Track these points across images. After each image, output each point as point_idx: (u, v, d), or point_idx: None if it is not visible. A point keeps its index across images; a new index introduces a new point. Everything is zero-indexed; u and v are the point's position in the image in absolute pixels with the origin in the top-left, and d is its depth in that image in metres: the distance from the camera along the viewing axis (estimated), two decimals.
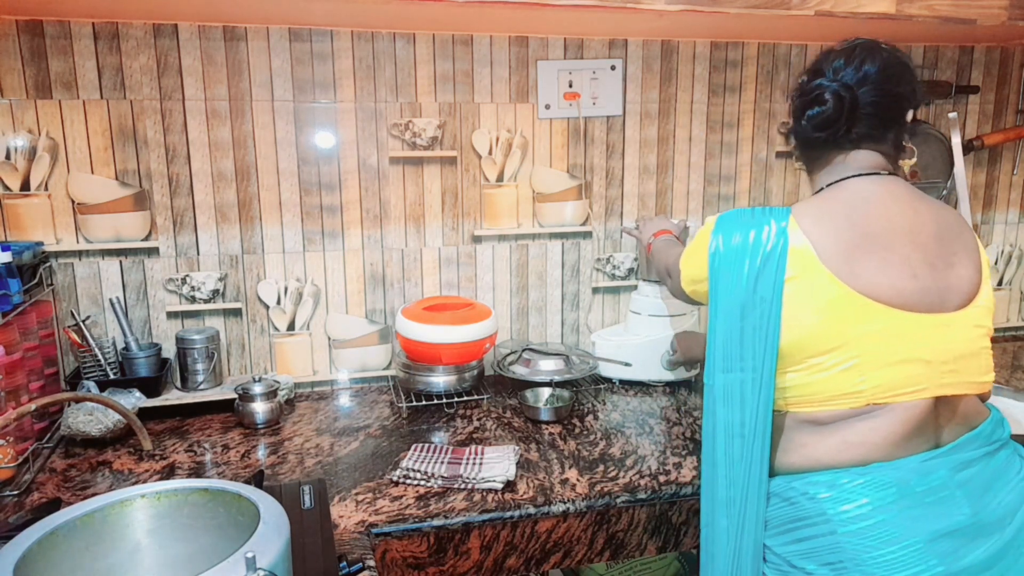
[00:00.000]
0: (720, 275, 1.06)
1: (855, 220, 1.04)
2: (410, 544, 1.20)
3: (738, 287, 1.04)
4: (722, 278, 1.06)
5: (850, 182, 1.09)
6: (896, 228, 1.04)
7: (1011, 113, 2.16)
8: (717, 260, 1.07)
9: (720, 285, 1.06)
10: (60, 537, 0.87)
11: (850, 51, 1.08)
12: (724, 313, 1.06)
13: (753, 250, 1.03)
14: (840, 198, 1.08)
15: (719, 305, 1.06)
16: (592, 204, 1.93)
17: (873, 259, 1.02)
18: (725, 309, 1.05)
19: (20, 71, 1.54)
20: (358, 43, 1.70)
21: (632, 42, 1.86)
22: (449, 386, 1.70)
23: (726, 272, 1.05)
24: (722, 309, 1.06)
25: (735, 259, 1.04)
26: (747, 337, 1.04)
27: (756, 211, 1.08)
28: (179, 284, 1.70)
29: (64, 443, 1.50)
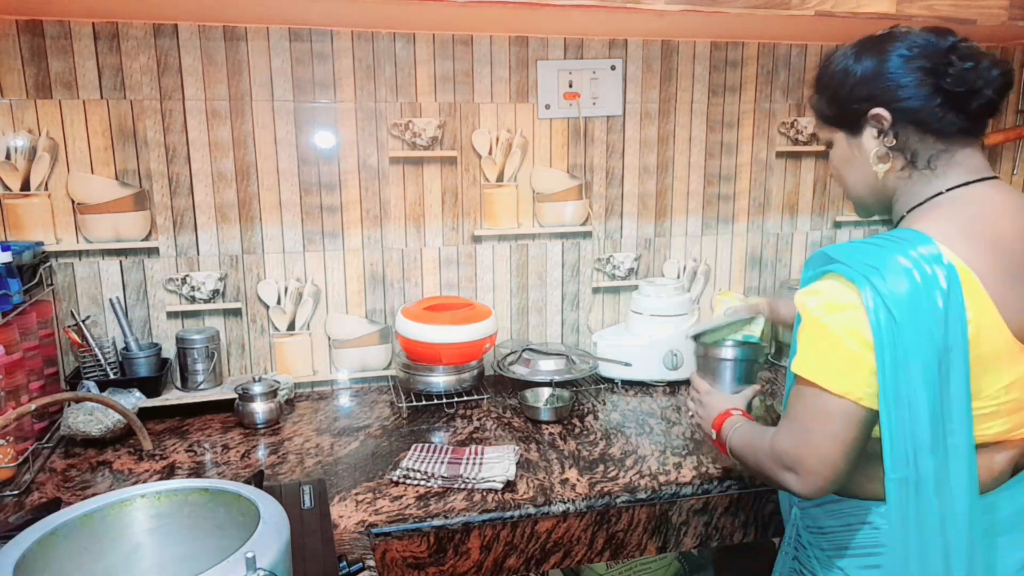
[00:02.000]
0: (901, 334, 0.86)
1: (1002, 239, 0.92)
2: (410, 544, 1.20)
3: (930, 339, 0.85)
4: (905, 335, 0.86)
5: (977, 190, 0.96)
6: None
7: (1011, 113, 2.16)
8: (886, 319, 0.86)
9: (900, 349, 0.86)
10: (60, 537, 0.86)
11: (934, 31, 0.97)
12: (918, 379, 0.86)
13: (929, 290, 0.85)
14: (980, 209, 0.94)
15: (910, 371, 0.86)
16: (592, 204, 1.93)
17: (1020, 291, 0.90)
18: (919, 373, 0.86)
19: (20, 71, 1.54)
20: (358, 43, 1.70)
21: (632, 42, 1.86)
22: (449, 386, 1.70)
23: (910, 324, 0.85)
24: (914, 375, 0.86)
25: (914, 307, 0.85)
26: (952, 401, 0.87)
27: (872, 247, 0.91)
28: (179, 284, 1.70)
29: (64, 443, 1.50)
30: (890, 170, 1.00)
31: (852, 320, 0.88)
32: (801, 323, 0.95)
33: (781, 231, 2.08)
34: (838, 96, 1.01)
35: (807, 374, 0.93)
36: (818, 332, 0.92)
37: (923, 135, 0.97)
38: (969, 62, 0.93)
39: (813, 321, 0.92)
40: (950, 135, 0.96)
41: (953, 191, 0.96)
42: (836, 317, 0.90)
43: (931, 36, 0.96)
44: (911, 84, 0.95)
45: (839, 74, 1.01)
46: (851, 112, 1.00)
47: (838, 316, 0.90)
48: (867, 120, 0.99)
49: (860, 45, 1.00)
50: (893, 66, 0.96)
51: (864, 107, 0.99)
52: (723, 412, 1.21)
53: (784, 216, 2.07)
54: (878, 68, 0.97)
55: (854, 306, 0.88)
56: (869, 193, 1.05)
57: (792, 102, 2.00)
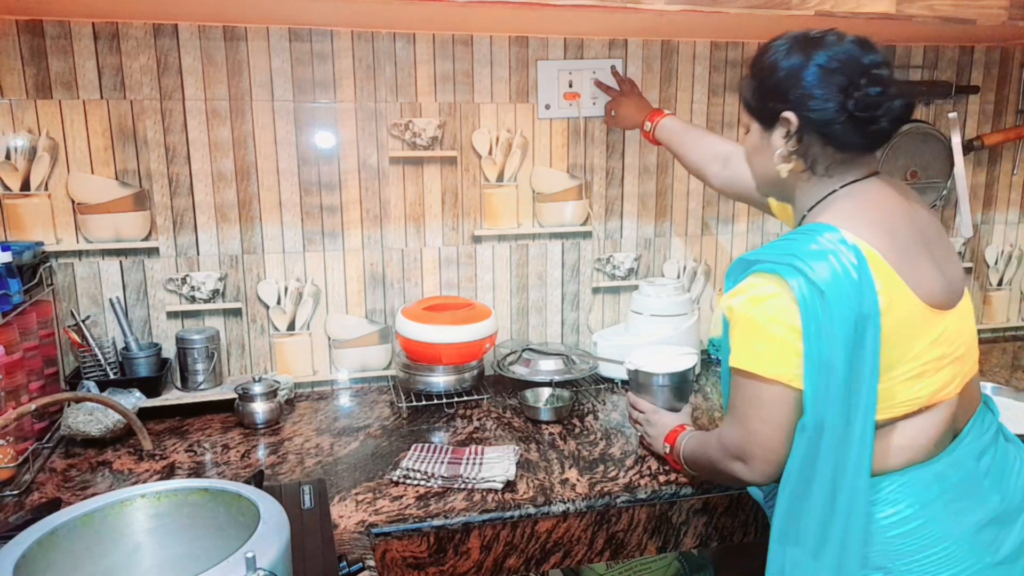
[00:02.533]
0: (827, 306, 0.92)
1: (894, 224, 1.01)
2: (410, 544, 1.20)
3: (849, 308, 0.92)
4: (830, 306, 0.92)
5: (866, 184, 1.04)
6: (917, 228, 1.03)
7: (1011, 113, 2.16)
8: (812, 295, 0.93)
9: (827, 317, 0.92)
10: (60, 537, 0.87)
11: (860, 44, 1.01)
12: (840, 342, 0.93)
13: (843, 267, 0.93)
14: (872, 201, 1.03)
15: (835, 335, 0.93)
16: (592, 204, 1.92)
17: (920, 261, 0.99)
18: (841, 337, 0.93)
19: (20, 71, 1.54)
20: (358, 43, 1.70)
21: (632, 42, 1.86)
22: (449, 386, 1.70)
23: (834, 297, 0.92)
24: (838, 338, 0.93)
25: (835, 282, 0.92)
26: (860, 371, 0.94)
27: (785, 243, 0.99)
28: (179, 284, 1.70)
29: (64, 443, 1.50)
30: (792, 170, 1.06)
31: (777, 308, 0.95)
32: (729, 324, 1.02)
33: (781, 231, 2.08)
34: (762, 88, 1.05)
35: (741, 364, 1.00)
36: (746, 325, 0.99)
37: (824, 145, 1.02)
38: (877, 87, 0.97)
39: (740, 317, 0.99)
40: (849, 149, 1.02)
41: (846, 187, 1.04)
42: (761, 308, 0.96)
43: (856, 50, 0.99)
44: (822, 97, 0.98)
45: (768, 67, 1.04)
46: (767, 108, 1.05)
47: (763, 307, 0.96)
48: (779, 120, 1.03)
49: (794, 41, 1.03)
50: (811, 74, 0.99)
51: (779, 107, 1.03)
52: (675, 428, 1.31)
53: None
54: (799, 72, 1.00)
55: (776, 295, 0.95)
56: (768, 183, 1.14)
57: None
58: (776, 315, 0.95)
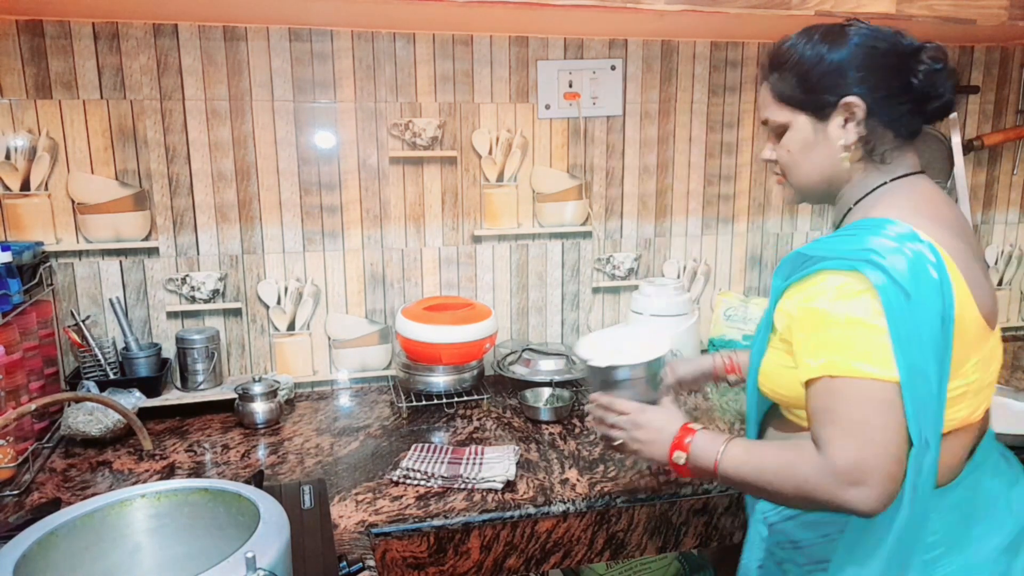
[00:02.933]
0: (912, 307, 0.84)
1: (953, 226, 0.93)
2: (410, 544, 1.20)
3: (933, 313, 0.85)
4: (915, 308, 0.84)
5: (915, 180, 0.98)
6: (967, 234, 0.96)
7: (1011, 113, 2.15)
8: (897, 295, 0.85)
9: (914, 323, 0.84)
10: (60, 537, 0.87)
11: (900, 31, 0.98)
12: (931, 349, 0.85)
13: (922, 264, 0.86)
14: (927, 198, 0.96)
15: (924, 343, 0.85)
16: (592, 204, 1.92)
17: (977, 270, 0.92)
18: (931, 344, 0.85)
19: (20, 71, 1.54)
20: (358, 43, 1.70)
21: (632, 42, 1.86)
22: (449, 386, 1.70)
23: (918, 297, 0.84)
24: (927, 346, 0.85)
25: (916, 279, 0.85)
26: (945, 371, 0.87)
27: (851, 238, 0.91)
28: (179, 284, 1.70)
29: (64, 443, 1.49)
30: (851, 159, 0.99)
31: (866, 304, 0.85)
32: (797, 330, 0.91)
33: (781, 231, 2.08)
34: (808, 78, 0.98)
35: (844, 371, 0.85)
36: (838, 326, 0.86)
37: (885, 129, 0.97)
38: (939, 64, 0.95)
39: (824, 317, 0.87)
40: (906, 132, 0.99)
41: (896, 181, 0.98)
42: (852, 304, 0.86)
43: (888, 31, 0.97)
44: (885, 78, 0.95)
45: (811, 57, 0.98)
46: (820, 98, 0.98)
47: (854, 303, 0.86)
48: (838, 108, 0.97)
49: (824, 31, 0.99)
50: (866, 56, 0.95)
51: (836, 94, 0.97)
52: (679, 430, 1.02)
53: (784, 216, 2.07)
54: (851, 55, 0.96)
55: (861, 291, 0.86)
56: (822, 180, 1.02)
57: None
58: (871, 309, 0.85)
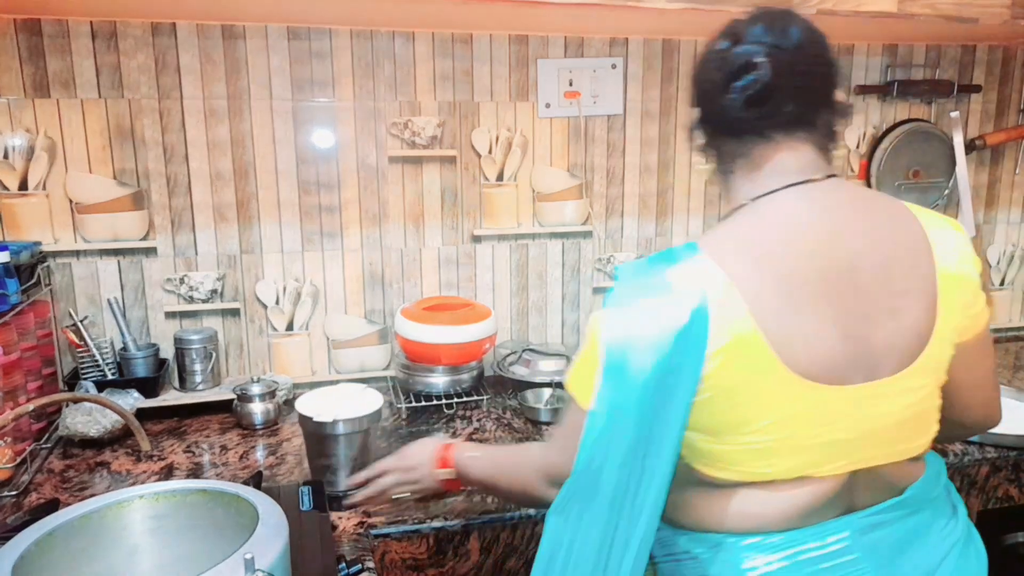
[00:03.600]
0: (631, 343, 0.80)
1: (795, 258, 0.81)
2: (409, 545, 1.19)
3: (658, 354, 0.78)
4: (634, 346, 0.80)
5: (779, 198, 0.85)
6: (834, 268, 0.81)
7: (1013, 112, 2.15)
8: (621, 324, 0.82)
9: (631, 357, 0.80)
10: (58, 538, 0.86)
11: (766, 16, 0.86)
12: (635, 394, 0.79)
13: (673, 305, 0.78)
14: (772, 222, 0.84)
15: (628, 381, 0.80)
16: (592, 203, 1.92)
17: (807, 319, 0.79)
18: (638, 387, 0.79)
19: (18, 70, 1.53)
20: (357, 41, 1.69)
21: (633, 40, 1.85)
22: (448, 387, 1.69)
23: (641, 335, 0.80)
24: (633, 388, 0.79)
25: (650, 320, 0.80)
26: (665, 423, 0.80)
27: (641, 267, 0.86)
28: (177, 284, 1.69)
29: (62, 444, 1.49)
30: (714, 174, 0.94)
31: (594, 331, 0.84)
32: None
33: None
34: None
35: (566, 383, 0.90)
36: (581, 353, 0.88)
37: (714, 132, 0.91)
38: (725, 42, 0.86)
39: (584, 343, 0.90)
40: (739, 133, 0.87)
41: (757, 200, 0.86)
42: (587, 339, 0.86)
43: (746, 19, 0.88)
44: (701, 74, 0.91)
45: None
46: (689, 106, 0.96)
47: (589, 338, 0.86)
48: None
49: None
50: (698, 58, 0.92)
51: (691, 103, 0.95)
52: (439, 448, 1.11)
53: None
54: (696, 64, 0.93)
55: (598, 329, 0.84)
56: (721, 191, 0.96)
57: None
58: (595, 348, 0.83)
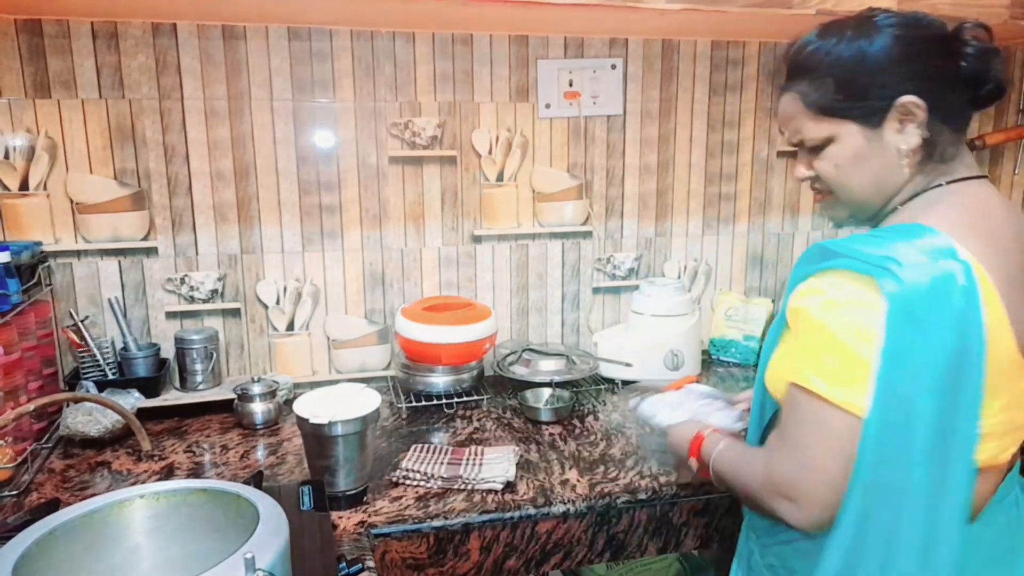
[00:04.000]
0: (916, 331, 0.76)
1: (1006, 242, 0.84)
2: (409, 545, 1.19)
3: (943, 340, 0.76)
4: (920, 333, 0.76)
5: (978, 186, 0.88)
6: (1021, 257, 0.85)
7: (1012, 113, 2.15)
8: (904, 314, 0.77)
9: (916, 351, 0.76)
10: (59, 538, 0.86)
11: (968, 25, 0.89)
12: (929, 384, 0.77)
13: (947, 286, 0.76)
14: (982, 208, 0.86)
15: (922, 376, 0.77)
16: (592, 204, 1.92)
17: (1020, 301, 0.82)
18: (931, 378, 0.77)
19: (19, 70, 1.53)
20: (357, 42, 1.69)
21: (633, 41, 1.85)
22: (449, 386, 1.69)
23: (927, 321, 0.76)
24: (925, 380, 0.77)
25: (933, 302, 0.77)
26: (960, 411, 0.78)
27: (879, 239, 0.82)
28: (178, 284, 1.70)
29: (63, 443, 1.49)
30: (909, 165, 0.89)
31: (859, 318, 0.78)
32: (791, 328, 0.85)
33: (782, 231, 2.08)
34: (852, 82, 0.88)
35: (805, 382, 0.81)
36: (819, 334, 0.81)
37: (943, 126, 0.87)
38: (984, 42, 0.86)
39: (813, 322, 0.81)
40: (961, 124, 0.90)
41: (951, 185, 0.88)
42: (842, 314, 0.79)
43: (921, 17, 0.89)
44: (936, 68, 0.86)
45: (850, 57, 0.87)
46: (871, 101, 0.87)
47: (845, 313, 0.79)
48: (892, 110, 0.87)
49: (857, 27, 0.88)
50: (911, 47, 0.85)
51: (888, 95, 0.86)
52: (693, 437, 1.08)
53: (785, 216, 2.07)
54: (896, 50, 0.85)
55: (862, 303, 0.78)
56: (877, 192, 0.91)
57: None
58: (861, 326, 0.78)
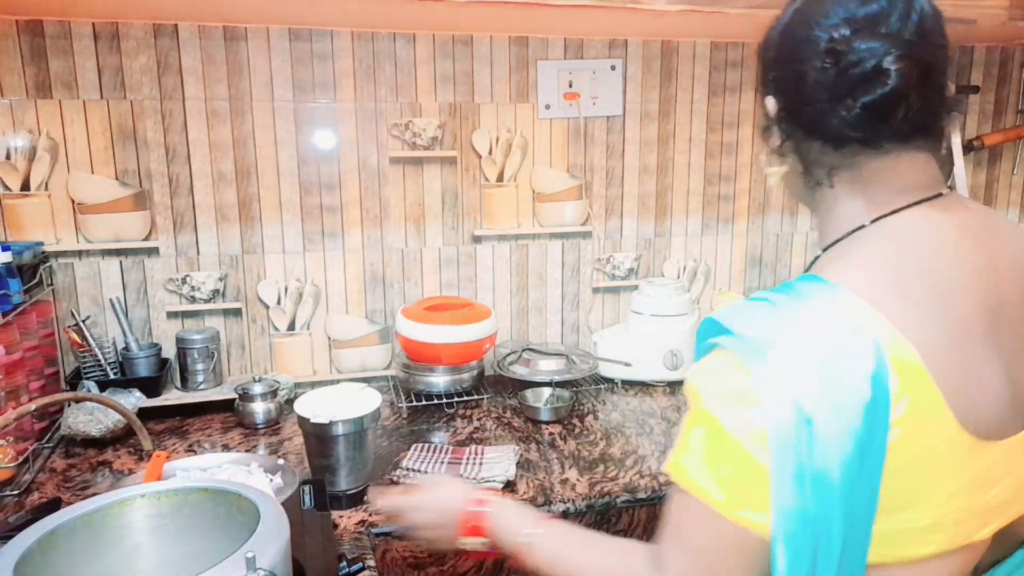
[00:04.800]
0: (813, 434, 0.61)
1: (950, 294, 0.66)
2: (410, 544, 1.20)
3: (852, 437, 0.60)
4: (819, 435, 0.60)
5: (910, 219, 0.70)
6: (991, 303, 0.67)
7: (1011, 113, 2.15)
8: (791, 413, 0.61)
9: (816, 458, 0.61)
10: (60, 537, 0.86)
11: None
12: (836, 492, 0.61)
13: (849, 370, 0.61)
14: (915, 252, 0.68)
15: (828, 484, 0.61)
16: (592, 204, 1.92)
17: (976, 369, 0.65)
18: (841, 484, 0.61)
19: (20, 71, 1.54)
20: (358, 43, 1.70)
21: (632, 42, 1.86)
22: (449, 386, 1.70)
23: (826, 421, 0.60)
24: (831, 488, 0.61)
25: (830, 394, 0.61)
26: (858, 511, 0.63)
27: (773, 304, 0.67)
28: (179, 284, 1.70)
29: (64, 443, 1.49)
30: (790, 177, 0.78)
31: (748, 415, 0.63)
32: (689, 411, 0.69)
33: (781, 231, 2.08)
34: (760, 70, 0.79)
35: (687, 484, 0.66)
36: (711, 430, 0.66)
37: (809, 138, 0.73)
38: (846, 29, 0.67)
39: (703, 414, 0.66)
40: (841, 143, 0.70)
41: (880, 221, 0.70)
42: (733, 413, 0.64)
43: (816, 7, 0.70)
44: (797, 65, 0.70)
45: (761, 49, 0.78)
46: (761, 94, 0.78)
47: (736, 412, 0.64)
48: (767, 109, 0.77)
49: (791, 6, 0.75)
50: (779, 44, 0.73)
51: (763, 90, 0.76)
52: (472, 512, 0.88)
53: (785, 216, 2.07)
54: (771, 44, 0.75)
55: (748, 398, 0.63)
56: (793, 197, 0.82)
57: None
58: (752, 427, 0.63)
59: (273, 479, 1.04)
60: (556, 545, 0.80)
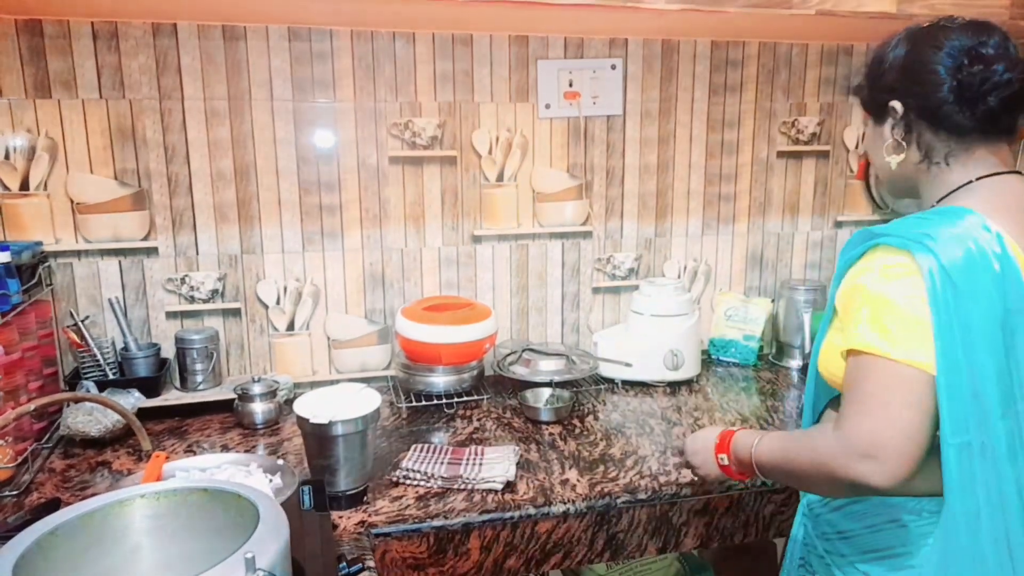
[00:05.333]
0: (960, 298, 0.85)
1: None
2: (410, 545, 1.20)
3: (990, 303, 0.86)
4: (964, 300, 0.85)
5: (1007, 179, 0.97)
6: None
7: None
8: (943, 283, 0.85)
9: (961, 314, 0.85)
10: (59, 537, 0.86)
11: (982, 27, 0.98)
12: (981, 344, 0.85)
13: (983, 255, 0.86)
14: (1014, 195, 0.96)
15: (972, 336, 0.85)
16: (592, 204, 1.92)
17: None
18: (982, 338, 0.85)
19: (19, 71, 1.53)
20: (357, 42, 1.69)
21: (632, 41, 1.85)
22: (449, 386, 1.69)
23: (968, 289, 0.85)
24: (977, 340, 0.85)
25: (971, 271, 0.86)
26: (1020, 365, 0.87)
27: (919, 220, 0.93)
28: (178, 284, 1.70)
29: (63, 443, 1.49)
30: (905, 162, 1.02)
31: (909, 285, 0.87)
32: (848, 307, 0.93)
33: (782, 231, 2.08)
34: (869, 82, 1.05)
35: (870, 347, 0.87)
36: (878, 303, 0.88)
37: (935, 131, 0.98)
38: (979, 65, 0.94)
39: (868, 295, 0.90)
40: (963, 133, 0.97)
41: (982, 179, 0.97)
42: (896, 284, 0.88)
43: (963, 33, 0.97)
44: (929, 81, 0.96)
45: (875, 61, 1.04)
46: (876, 100, 1.03)
47: (899, 283, 0.88)
48: (887, 110, 1.01)
49: (906, 33, 1.01)
50: (915, 61, 0.98)
51: (885, 97, 1.01)
52: (719, 436, 1.15)
53: (785, 216, 2.07)
54: (903, 60, 0.99)
55: (906, 273, 0.88)
56: (887, 179, 1.08)
57: (793, 101, 2.00)
58: (913, 293, 0.87)
59: (272, 479, 1.04)
60: (774, 442, 1.04)
